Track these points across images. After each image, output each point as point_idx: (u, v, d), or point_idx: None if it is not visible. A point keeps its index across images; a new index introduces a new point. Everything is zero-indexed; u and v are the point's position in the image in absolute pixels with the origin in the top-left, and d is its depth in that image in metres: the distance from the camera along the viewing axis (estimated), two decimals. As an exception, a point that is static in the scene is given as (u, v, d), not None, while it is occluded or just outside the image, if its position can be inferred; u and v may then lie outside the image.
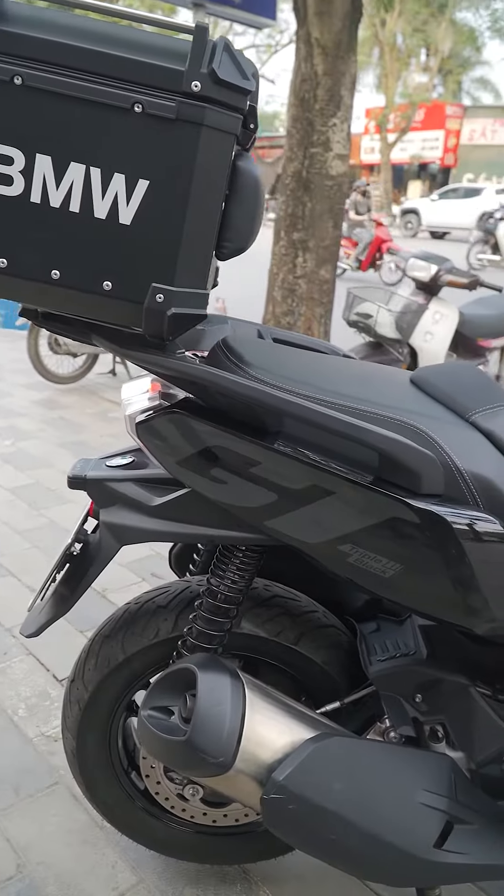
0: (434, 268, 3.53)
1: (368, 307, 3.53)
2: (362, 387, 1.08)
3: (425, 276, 3.57)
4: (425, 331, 3.60)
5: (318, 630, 1.25)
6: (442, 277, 3.55)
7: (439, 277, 3.55)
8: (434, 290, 3.64)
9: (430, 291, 3.64)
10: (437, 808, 1.08)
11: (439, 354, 3.63)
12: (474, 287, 3.61)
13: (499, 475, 1.00)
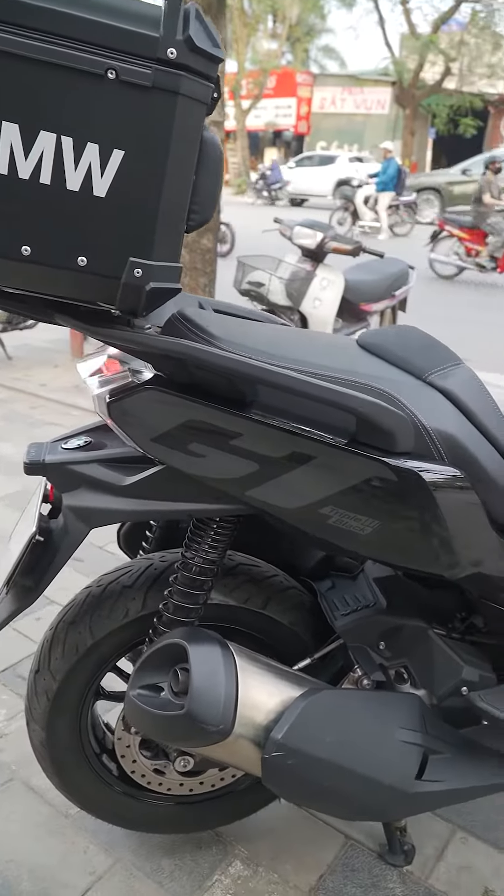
0: (320, 235, 3.61)
1: (260, 275, 3.57)
2: (323, 354, 1.11)
3: (311, 244, 3.65)
4: (314, 297, 3.68)
5: (282, 593, 1.29)
6: (327, 244, 3.63)
7: (325, 244, 3.64)
8: (320, 257, 3.72)
9: (316, 258, 3.73)
10: (414, 743, 1.15)
11: (328, 320, 3.74)
12: (357, 253, 3.73)
13: (459, 431, 1.07)
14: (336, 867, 1.44)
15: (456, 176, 17.06)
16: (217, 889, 1.38)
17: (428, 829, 1.52)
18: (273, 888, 1.39)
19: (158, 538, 1.41)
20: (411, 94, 23.89)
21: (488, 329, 6.48)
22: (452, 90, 24.94)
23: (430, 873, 1.43)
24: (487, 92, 25.79)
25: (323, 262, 3.76)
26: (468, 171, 16.98)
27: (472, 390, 1.12)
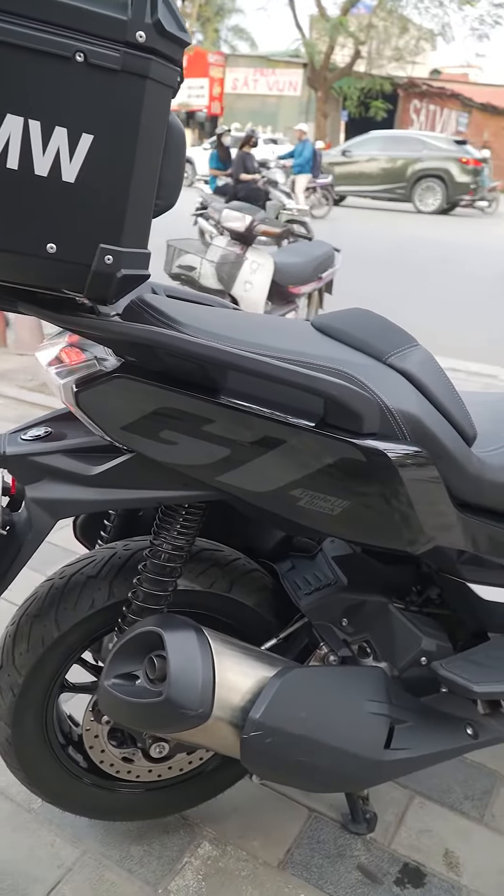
0: (248, 218, 3.61)
1: (191, 259, 3.54)
2: (284, 338, 1.12)
3: (240, 227, 3.64)
4: (245, 280, 3.69)
5: (246, 576, 1.31)
6: (256, 228, 3.64)
7: (254, 228, 3.64)
8: (249, 241, 3.72)
9: (246, 241, 3.73)
10: (381, 714, 1.19)
11: (259, 303, 3.75)
12: (286, 236, 3.76)
13: (420, 410, 1.11)
14: (302, 840, 1.47)
15: (336, 157, 17.48)
16: (188, 871, 1.40)
17: (387, 797, 1.58)
18: (243, 865, 1.42)
19: (118, 527, 1.39)
20: (323, 77, 24.07)
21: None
22: (363, 73, 25.26)
23: (392, 839, 1.49)
24: (396, 75, 26.26)
25: (252, 245, 3.76)
26: (348, 153, 17.42)
27: (430, 371, 1.16)
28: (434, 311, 6.61)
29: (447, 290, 8.03)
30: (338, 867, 1.42)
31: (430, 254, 10.43)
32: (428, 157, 17.10)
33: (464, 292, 8.10)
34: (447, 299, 7.51)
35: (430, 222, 15.28)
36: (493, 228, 15.02)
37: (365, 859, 1.44)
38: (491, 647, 1.32)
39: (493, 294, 8.02)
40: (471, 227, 14.96)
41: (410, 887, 1.39)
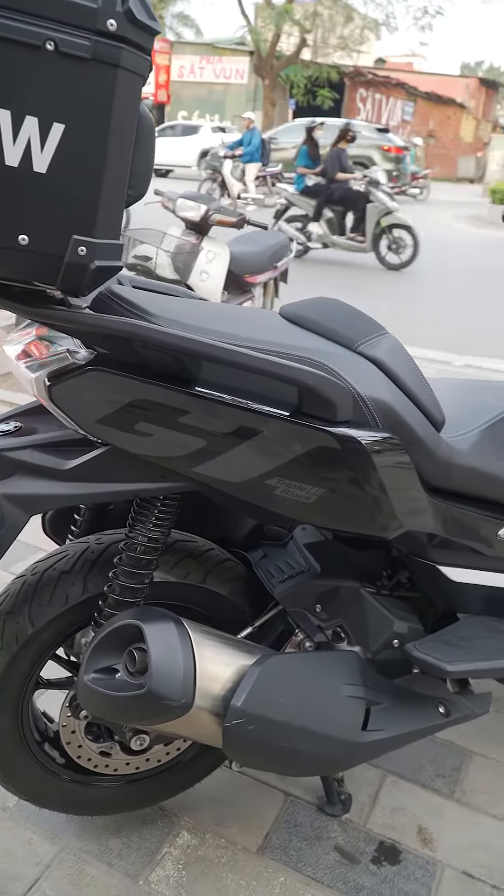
0: (203, 207, 3.59)
1: (147, 249, 3.50)
2: (254, 328, 1.12)
3: (195, 216, 3.62)
4: (201, 270, 3.67)
5: (220, 566, 1.31)
6: (211, 217, 3.62)
7: (209, 217, 3.62)
8: (204, 230, 3.70)
9: (201, 231, 3.70)
10: (357, 697, 1.22)
11: (216, 293, 3.74)
12: (242, 225, 3.74)
13: (390, 397, 1.12)
14: (280, 824, 1.49)
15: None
16: (168, 861, 1.40)
17: (361, 777, 1.61)
18: (222, 852, 1.43)
19: (89, 521, 1.38)
20: (269, 65, 24.00)
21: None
22: (309, 61, 25.28)
23: (367, 819, 1.52)
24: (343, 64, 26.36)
25: (207, 234, 3.74)
26: (275, 140, 17.51)
27: (399, 358, 1.18)
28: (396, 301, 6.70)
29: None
30: (315, 849, 1.44)
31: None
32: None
33: (414, 280, 8.22)
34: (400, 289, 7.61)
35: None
36: (430, 215, 15.22)
37: (342, 840, 1.47)
38: (461, 628, 1.35)
39: (442, 284, 8.16)
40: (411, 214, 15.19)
41: (387, 865, 1.43)
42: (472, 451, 1.25)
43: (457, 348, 5.28)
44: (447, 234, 12.34)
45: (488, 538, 1.32)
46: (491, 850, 1.47)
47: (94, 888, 1.34)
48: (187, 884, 1.36)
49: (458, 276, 8.62)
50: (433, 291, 7.55)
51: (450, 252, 10.21)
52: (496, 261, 9.94)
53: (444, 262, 9.38)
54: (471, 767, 1.66)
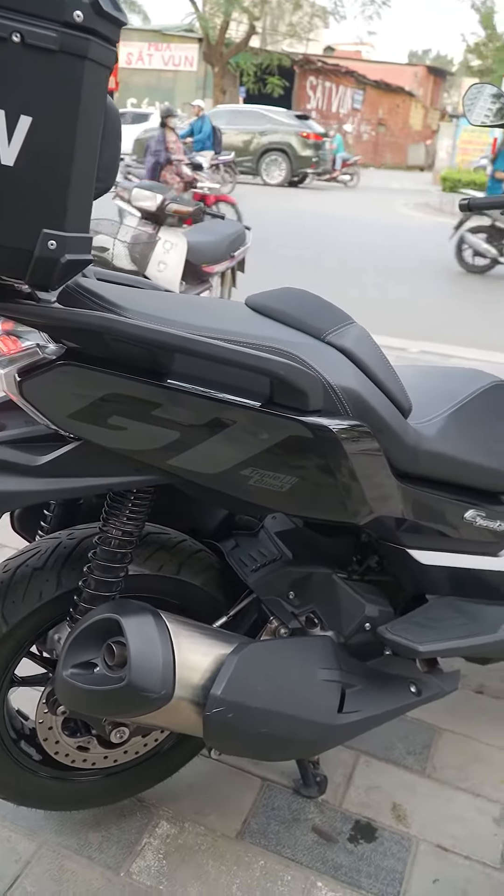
0: (160, 197, 3.56)
1: (104, 240, 3.46)
2: (222, 319, 1.13)
3: (152, 206, 3.59)
4: (158, 260, 3.65)
5: (193, 557, 1.32)
6: (168, 206, 3.59)
7: (165, 207, 3.60)
8: (161, 220, 3.68)
9: (157, 221, 3.68)
10: (333, 681, 1.24)
11: (174, 283, 3.72)
12: (199, 215, 3.73)
13: (359, 385, 1.14)
14: (257, 809, 1.51)
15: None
16: (148, 851, 1.41)
17: (335, 759, 1.64)
18: (202, 840, 1.44)
19: (59, 517, 1.37)
20: (218, 52, 23.82)
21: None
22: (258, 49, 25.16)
23: (342, 798, 1.55)
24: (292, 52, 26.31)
25: (164, 224, 3.72)
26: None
27: (366, 347, 1.20)
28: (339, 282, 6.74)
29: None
30: (293, 831, 1.47)
31: (334, 229, 10.61)
32: (271, 131, 17.61)
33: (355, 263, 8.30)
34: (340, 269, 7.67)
35: (313, 196, 15.50)
36: (357, 196, 15.30)
37: (319, 821, 1.50)
38: (430, 609, 1.38)
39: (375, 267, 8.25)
40: (362, 201, 15.25)
41: (363, 842, 1.46)
42: (439, 437, 1.28)
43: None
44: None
45: (455, 521, 1.35)
46: (462, 822, 1.52)
47: (75, 882, 1.34)
48: (168, 872, 1.37)
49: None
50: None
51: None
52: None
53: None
54: (440, 744, 1.71)
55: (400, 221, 12.70)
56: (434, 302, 6.85)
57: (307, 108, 30.35)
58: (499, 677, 1.93)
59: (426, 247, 10.01)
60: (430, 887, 1.38)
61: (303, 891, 1.35)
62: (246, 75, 24.88)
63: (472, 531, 1.38)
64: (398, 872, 1.40)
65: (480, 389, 1.43)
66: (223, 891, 1.35)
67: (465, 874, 1.41)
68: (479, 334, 5.62)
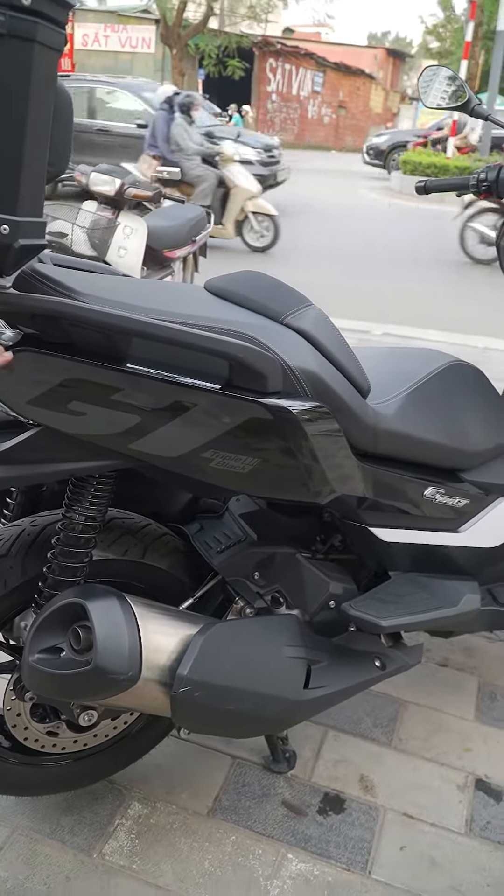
0: (118, 181, 3.52)
1: (62, 225, 3.42)
2: (180, 303, 1.13)
3: (110, 190, 3.55)
4: (119, 246, 3.61)
5: (158, 540, 1.33)
6: (127, 191, 3.56)
7: (124, 191, 3.56)
8: (120, 205, 3.64)
9: (117, 206, 3.64)
10: (298, 657, 1.26)
11: (135, 269, 3.69)
12: (158, 199, 3.70)
13: (318, 367, 1.15)
14: (228, 786, 1.53)
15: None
16: (120, 832, 1.43)
17: (303, 734, 1.67)
18: (173, 819, 1.46)
19: (21, 504, 1.37)
20: (176, 34, 23.45)
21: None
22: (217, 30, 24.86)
23: (311, 773, 1.58)
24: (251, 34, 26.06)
25: (123, 209, 3.68)
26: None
27: (324, 329, 1.21)
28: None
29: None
30: (264, 806, 1.50)
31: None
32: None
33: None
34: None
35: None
36: (319, 182, 15.37)
37: (288, 795, 1.53)
38: (392, 585, 1.41)
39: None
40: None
41: (332, 814, 1.49)
42: (397, 416, 1.31)
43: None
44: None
45: (415, 499, 1.38)
46: (427, 790, 1.56)
47: (48, 866, 1.35)
48: (141, 852, 1.39)
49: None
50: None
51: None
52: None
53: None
54: (405, 716, 1.75)
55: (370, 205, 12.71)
56: (442, 289, 6.85)
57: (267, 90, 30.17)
58: (461, 650, 1.98)
59: (410, 230, 10.02)
60: (397, 854, 1.42)
61: (273, 863, 1.38)
62: (207, 57, 24.59)
63: (432, 508, 1.41)
64: (366, 841, 1.44)
65: (438, 369, 1.46)
66: (195, 867, 1.37)
67: (431, 840, 1.45)
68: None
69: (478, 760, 1.65)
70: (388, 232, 9.71)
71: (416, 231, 9.85)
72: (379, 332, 5.14)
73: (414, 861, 1.41)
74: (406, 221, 10.90)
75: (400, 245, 8.88)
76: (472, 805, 1.53)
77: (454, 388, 1.46)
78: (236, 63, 24.16)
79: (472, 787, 1.58)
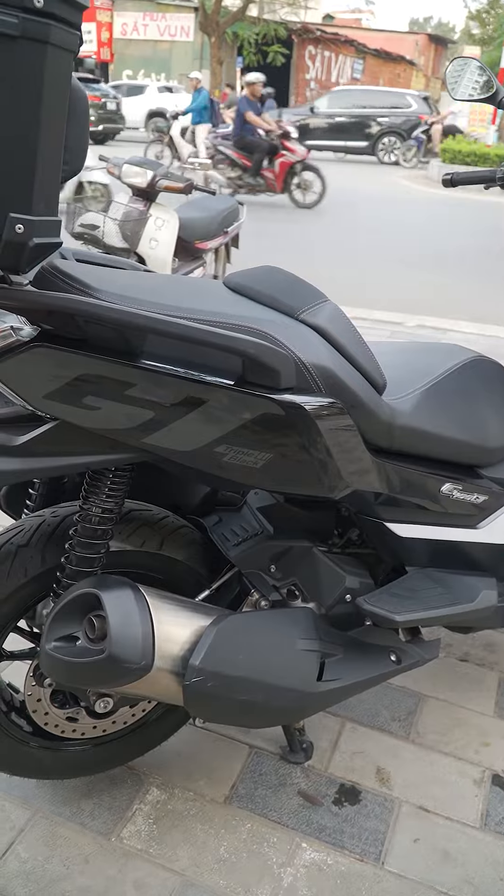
0: (150, 173, 3.55)
1: (93, 217, 3.46)
2: (198, 299, 1.14)
3: (142, 182, 3.57)
4: (150, 237, 3.64)
5: (175, 532, 1.35)
6: (158, 182, 3.58)
7: (156, 183, 3.58)
8: (152, 196, 3.66)
9: (148, 197, 3.66)
10: (312, 650, 1.27)
11: (166, 261, 3.72)
12: (189, 191, 3.71)
13: (332, 363, 1.16)
14: (245, 775, 1.56)
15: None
16: (138, 817, 1.46)
17: (321, 725, 1.69)
18: (190, 805, 1.49)
19: (44, 495, 1.40)
20: (215, 22, 23.35)
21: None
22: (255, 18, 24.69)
23: (328, 764, 1.60)
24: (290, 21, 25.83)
25: (155, 200, 3.70)
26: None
27: (340, 325, 1.21)
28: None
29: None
30: (280, 795, 1.52)
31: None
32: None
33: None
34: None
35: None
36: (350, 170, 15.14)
37: (305, 785, 1.54)
38: (408, 580, 1.42)
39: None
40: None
41: (347, 805, 1.51)
42: (414, 412, 1.30)
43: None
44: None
45: (432, 495, 1.38)
46: (443, 784, 1.56)
47: (68, 847, 1.39)
48: (158, 836, 1.42)
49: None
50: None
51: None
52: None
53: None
54: (424, 710, 1.75)
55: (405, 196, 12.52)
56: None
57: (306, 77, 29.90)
58: (483, 645, 1.98)
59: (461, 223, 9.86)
60: (410, 846, 1.43)
61: (287, 851, 1.40)
62: (247, 45, 24.45)
63: (450, 504, 1.41)
64: (380, 833, 1.45)
65: (458, 365, 1.45)
66: (211, 853, 1.40)
67: (445, 833, 1.46)
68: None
69: (496, 756, 1.64)
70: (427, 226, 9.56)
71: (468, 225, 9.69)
72: (412, 324, 5.09)
73: (427, 853, 1.42)
74: (454, 215, 10.73)
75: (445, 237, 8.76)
76: (489, 800, 1.53)
77: (475, 383, 1.44)
78: (277, 49, 23.97)
79: (488, 781, 1.58)
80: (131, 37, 27.94)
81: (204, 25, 23.84)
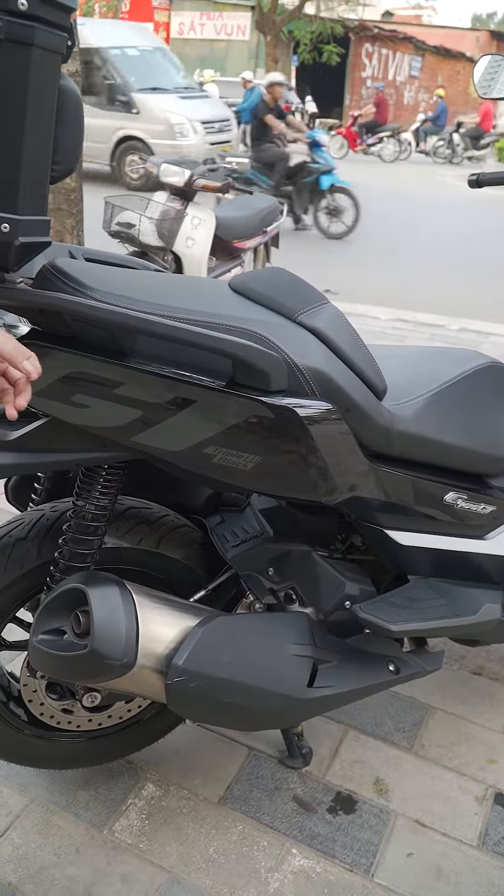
0: (187, 172, 3.57)
1: (130, 216, 3.49)
2: (196, 299, 1.14)
3: (180, 181, 3.60)
4: (186, 236, 3.66)
5: (174, 531, 1.35)
6: (196, 182, 3.59)
7: (193, 182, 3.60)
8: (189, 196, 3.68)
9: (186, 196, 3.68)
10: (304, 656, 1.26)
11: (202, 259, 3.73)
12: (227, 190, 3.72)
13: (328, 366, 1.14)
14: (241, 777, 1.55)
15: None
16: (132, 811, 1.47)
17: (322, 731, 1.67)
18: (184, 803, 1.49)
19: (48, 489, 1.42)
20: (271, 20, 23.32)
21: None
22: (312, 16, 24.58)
23: (326, 771, 1.58)
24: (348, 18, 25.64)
25: (193, 200, 3.72)
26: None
27: (339, 328, 1.20)
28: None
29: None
30: (274, 799, 1.51)
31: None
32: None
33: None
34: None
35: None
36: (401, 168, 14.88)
37: (300, 791, 1.53)
38: (409, 589, 1.39)
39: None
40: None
41: (342, 814, 1.49)
42: (415, 418, 1.28)
43: None
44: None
45: (436, 503, 1.35)
46: (444, 799, 1.53)
47: (60, 837, 1.41)
48: (149, 832, 1.43)
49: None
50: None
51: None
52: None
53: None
54: (431, 722, 1.72)
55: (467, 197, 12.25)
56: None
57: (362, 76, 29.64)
58: (498, 659, 1.93)
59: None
60: (403, 860, 1.40)
61: (277, 856, 1.40)
62: (302, 44, 24.36)
63: (456, 514, 1.38)
64: (373, 844, 1.43)
65: (470, 371, 1.41)
66: (200, 852, 1.40)
67: (441, 849, 1.43)
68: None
69: (501, 773, 1.60)
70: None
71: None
72: (455, 327, 5.00)
73: (420, 869, 1.39)
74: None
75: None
76: (489, 819, 1.50)
77: (486, 390, 1.41)
78: (332, 48, 23.83)
79: (490, 800, 1.54)
80: (188, 36, 28.11)
81: (260, 24, 23.82)
